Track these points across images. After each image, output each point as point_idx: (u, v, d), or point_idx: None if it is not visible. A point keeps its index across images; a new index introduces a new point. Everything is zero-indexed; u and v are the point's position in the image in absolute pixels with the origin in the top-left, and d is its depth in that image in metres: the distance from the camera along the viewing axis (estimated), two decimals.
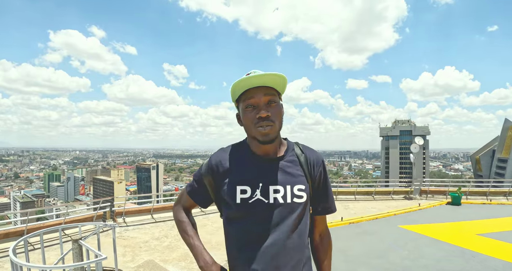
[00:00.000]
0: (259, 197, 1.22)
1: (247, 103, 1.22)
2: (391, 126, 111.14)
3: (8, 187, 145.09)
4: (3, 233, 7.69)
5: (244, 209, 1.22)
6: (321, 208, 1.38)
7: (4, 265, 6.54)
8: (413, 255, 6.17)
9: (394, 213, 10.44)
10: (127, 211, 10.26)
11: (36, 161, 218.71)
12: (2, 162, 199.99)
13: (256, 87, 1.20)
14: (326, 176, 1.37)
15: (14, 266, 4.07)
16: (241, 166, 1.29)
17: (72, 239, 4.71)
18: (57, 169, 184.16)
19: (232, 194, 1.24)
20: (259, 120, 1.19)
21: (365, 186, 16.85)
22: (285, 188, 1.24)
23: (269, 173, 1.26)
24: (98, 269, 4.24)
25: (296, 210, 1.23)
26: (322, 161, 1.36)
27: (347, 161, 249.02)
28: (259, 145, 1.27)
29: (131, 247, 7.55)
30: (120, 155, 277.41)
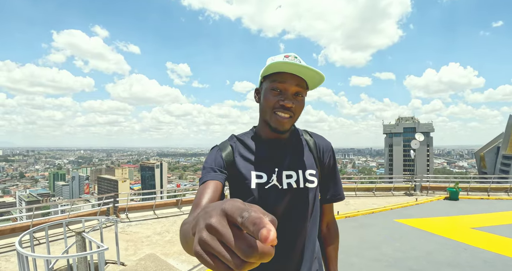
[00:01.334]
0: (275, 182, 1.20)
1: (275, 85, 1.15)
2: (394, 123, 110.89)
3: (14, 187, 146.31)
4: (10, 228, 7.93)
5: (259, 194, 1.19)
6: (330, 195, 1.35)
7: (10, 259, 6.76)
8: (405, 247, 6.33)
9: (391, 208, 10.57)
10: (130, 207, 10.47)
11: (41, 160, 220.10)
12: (8, 162, 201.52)
13: (291, 73, 1.14)
14: (335, 162, 1.35)
15: (20, 257, 4.29)
16: (254, 151, 1.26)
17: (75, 232, 4.92)
18: (62, 169, 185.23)
19: (246, 179, 1.20)
20: (281, 107, 1.14)
21: (368, 182, 16.89)
22: (297, 173, 1.22)
23: (281, 158, 1.24)
24: (101, 259, 4.44)
25: (309, 195, 1.22)
26: (331, 147, 1.35)
27: (351, 159, 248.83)
28: (269, 131, 1.23)
29: (134, 241, 7.75)
30: (124, 154, 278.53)
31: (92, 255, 4.95)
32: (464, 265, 5.33)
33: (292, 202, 1.19)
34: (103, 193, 9.32)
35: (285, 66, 1.11)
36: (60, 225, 7.72)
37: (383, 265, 5.40)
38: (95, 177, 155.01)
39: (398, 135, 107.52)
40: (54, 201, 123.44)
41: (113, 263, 5.99)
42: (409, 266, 5.30)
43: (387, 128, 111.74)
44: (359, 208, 10.90)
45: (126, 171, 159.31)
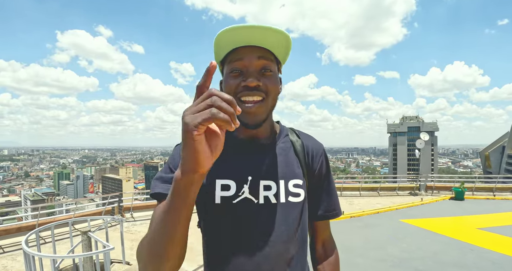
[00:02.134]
0: (247, 195, 0.90)
1: (232, 66, 0.87)
2: (399, 123, 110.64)
3: (19, 186, 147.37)
4: (16, 227, 7.99)
5: (226, 211, 0.89)
6: (323, 211, 1.04)
7: (16, 258, 6.80)
8: (411, 247, 6.30)
9: (396, 208, 10.54)
10: (134, 206, 10.52)
11: (46, 160, 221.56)
12: (13, 161, 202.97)
13: (248, 46, 0.86)
14: (328, 169, 1.06)
15: (26, 256, 4.31)
16: (223, 154, 0.86)
17: (81, 232, 4.93)
18: (66, 168, 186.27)
19: (209, 191, 0.90)
20: (244, 89, 0.85)
21: (371, 182, 16.84)
22: (278, 184, 0.93)
23: (259, 163, 0.95)
24: (106, 259, 4.45)
25: (292, 213, 0.93)
26: (323, 151, 1.06)
27: (355, 158, 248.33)
28: (243, 128, 0.92)
29: (138, 241, 7.68)
30: (128, 154, 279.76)
31: (97, 255, 4.97)
32: (471, 266, 5.29)
33: (271, 221, 0.90)
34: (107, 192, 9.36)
35: (233, 36, 0.83)
36: (66, 225, 7.75)
37: (388, 265, 5.38)
38: (99, 176, 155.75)
39: (402, 134, 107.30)
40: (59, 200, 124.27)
41: (118, 263, 6.01)
42: (414, 266, 5.27)
43: (391, 127, 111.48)
44: (363, 207, 10.86)
45: (130, 170, 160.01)
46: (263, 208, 0.90)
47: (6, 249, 7.27)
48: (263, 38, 0.84)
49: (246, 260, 0.88)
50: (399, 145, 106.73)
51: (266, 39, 0.84)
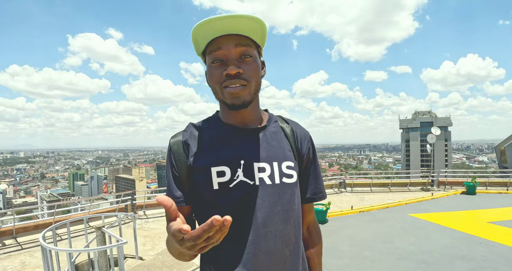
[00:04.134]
0: (242, 178, 0.94)
1: (213, 57, 0.92)
2: (411, 118, 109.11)
3: (35, 187, 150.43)
4: (33, 225, 8.26)
5: (224, 196, 0.94)
6: (311, 194, 1.10)
7: (34, 254, 7.04)
8: (420, 241, 6.32)
9: (406, 202, 10.52)
10: (147, 204, 10.73)
11: (60, 161, 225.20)
12: (29, 163, 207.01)
13: (225, 35, 0.90)
14: (315, 154, 1.12)
15: (43, 251, 4.49)
16: (215, 142, 1.00)
17: (96, 227, 5.10)
18: (81, 169, 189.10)
19: (206, 179, 0.95)
20: (227, 78, 0.91)
21: (383, 178, 16.76)
22: (271, 165, 0.97)
23: (250, 147, 0.99)
24: (120, 253, 4.60)
25: (287, 193, 0.97)
26: (310, 136, 1.12)
27: (367, 155, 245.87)
28: (231, 112, 0.99)
29: (151, 237, 7.95)
30: (141, 154, 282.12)
31: (111, 250, 5.13)
32: (479, 259, 5.30)
33: (267, 202, 0.94)
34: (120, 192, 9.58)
35: (208, 28, 0.88)
36: (81, 222, 7.98)
37: (395, 258, 5.42)
38: (113, 177, 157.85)
39: (415, 130, 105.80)
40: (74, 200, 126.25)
41: (131, 258, 6.17)
42: (422, 259, 5.30)
43: (403, 123, 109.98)
44: (374, 203, 10.84)
45: (143, 170, 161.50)
46: (258, 189, 0.94)
47: (24, 246, 7.53)
48: (237, 26, 0.88)
49: (245, 240, 0.92)
50: (411, 141, 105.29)
51: (240, 27, 0.88)
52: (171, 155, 1.02)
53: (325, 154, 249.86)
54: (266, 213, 0.94)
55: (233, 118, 1.01)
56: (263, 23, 0.90)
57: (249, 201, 0.94)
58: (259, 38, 0.96)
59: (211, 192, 0.94)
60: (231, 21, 0.86)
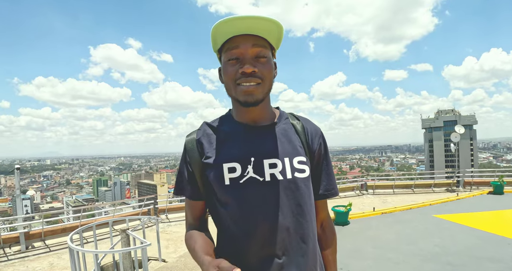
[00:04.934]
0: (252, 174, 0.97)
1: (230, 55, 0.97)
2: (434, 117, 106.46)
3: (61, 193, 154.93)
4: (61, 228, 8.53)
5: (234, 192, 0.97)
6: (323, 190, 1.11)
7: (62, 256, 7.26)
8: (445, 242, 6.17)
9: (430, 203, 10.26)
10: (169, 208, 10.89)
11: (85, 168, 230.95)
12: (55, 170, 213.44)
13: (243, 35, 0.94)
14: (326, 150, 1.13)
15: (71, 252, 4.64)
16: (227, 139, 1.04)
17: (120, 230, 5.24)
18: (104, 175, 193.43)
19: (218, 175, 0.99)
20: (242, 75, 0.94)
21: (405, 179, 16.31)
22: (283, 161, 0.99)
23: (261, 144, 1.01)
24: (144, 255, 4.70)
25: (300, 188, 0.99)
26: (321, 133, 1.13)
27: (389, 156, 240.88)
28: (243, 110, 1.03)
29: (174, 240, 8.06)
30: (162, 160, 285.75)
31: (136, 252, 5.25)
32: (508, 260, 5.12)
33: (279, 197, 0.96)
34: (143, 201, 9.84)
35: (228, 27, 0.92)
36: (105, 225, 8.20)
37: (419, 259, 5.31)
38: (135, 182, 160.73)
39: (438, 129, 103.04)
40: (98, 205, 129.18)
41: (155, 260, 6.28)
42: (447, 261, 5.17)
43: (426, 123, 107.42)
44: (396, 205, 10.64)
45: (164, 175, 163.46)
46: (269, 185, 0.96)
47: (52, 248, 7.78)
48: (255, 26, 0.92)
49: (258, 236, 0.95)
50: (435, 141, 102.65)
51: (258, 28, 0.93)
52: (186, 152, 1.08)
53: (345, 156, 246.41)
54: (278, 207, 0.96)
55: (245, 115, 1.05)
56: (281, 26, 0.94)
57: (260, 196, 0.96)
58: (275, 40, 1.00)
59: (223, 187, 0.98)
60: (250, 21, 0.90)
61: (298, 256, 0.97)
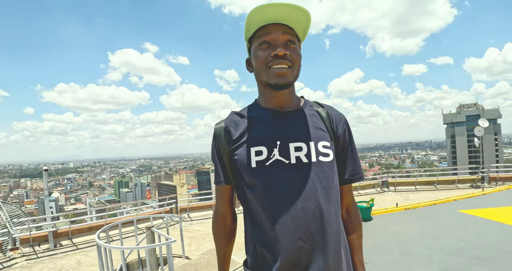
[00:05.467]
0: (278, 157, 1.01)
1: (262, 40, 1.02)
2: (455, 112, 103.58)
3: (84, 195, 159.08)
4: (87, 227, 8.79)
5: (261, 174, 1.01)
6: (348, 175, 1.13)
7: (88, 254, 7.48)
8: (470, 237, 6.01)
9: (454, 199, 10.02)
10: (191, 207, 11.04)
11: (106, 170, 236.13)
12: (78, 173, 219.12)
13: (274, 24, 1.00)
14: (351, 136, 1.15)
15: (99, 249, 4.78)
16: (254, 125, 1.09)
17: (146, 227, 5.35)
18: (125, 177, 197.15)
19: (245, 158, 1.04)
20: (274, 58, 0.99)
21: (428, 175, 16.01)
22: (308, 144, 1.02)
23: (287, 128, 1.06)
24: (169, 250, 4.79)
25: (325, 171, 1.02)
26: (345, 119, 1.15)
27: (409, 153, 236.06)
28: (272, 94, 1.07)
29: (196, 238, 8.17)
30: (181, 161, 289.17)
31: (161, 249, 5.35)
32: None
33: (304, 179, 0.99)
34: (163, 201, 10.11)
35: (263, 15, 0.98)
36: (129, 224, 8.39)
37: (445, 254, 5.19)
38: (155, 184, 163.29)
39: (460, 124, 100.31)
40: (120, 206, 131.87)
41: (178, 257, 6.38)
42: (474, 255, 5.04)
43: (447, 118, 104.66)
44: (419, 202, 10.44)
45: (184, 176, 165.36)
46: (295, 167, 1.00)
47: (79, 246, 8.03)
48: (286, 16, 0.98)
49: (282, 217, 0.98)
50: (457, 136, 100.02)
51: (289, 17, 0.99)
52: (215, 140, 1.15)
53: (364, 154, 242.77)
54: (303, 189, 0.99)
55: (272, 101, 1.10)
56: (309, 16, 1.00)
57: (285, 178, 1.00)
58: (302, 31, 1.05)
59: (249, 170, 1.03)
60: (282, 9, 0.96)
61: (322, 238, 0.98)
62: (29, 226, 8.09)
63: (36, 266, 6.88)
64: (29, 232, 8.02)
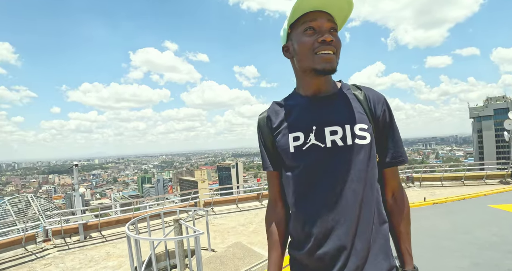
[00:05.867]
0: (314, 141, 1.04)
1: (308, 26, 1.02)
2: (483, 105, 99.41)
3: (109, 190, 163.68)
4: (115, 220, 9.03)
5: (299, 158, 1.06)
6: (390, 158, 1.10)
7: (117, 245, 7.70)
8: (503, 231, 5.82)
9: (484, 194, 9.73)
10: (215, 201, 11.17)
11: (130, 166, 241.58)
12: (103, 169, 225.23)
13: (318, 11, 1.02)
14: (392, 117, 1.11)
15: (129, 239, 4.91)
16: (292, 112, 1.13)
17: (174, 220, 5.46)
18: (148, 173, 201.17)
19: (285, 144, 1.09)
20: (321, 44, 1.00)
21: (453, 170, 15.54)
22: (343, 128, 1.03)
23: (323, 113, 1.07)
24: (197, 242, 4.87)
25: (360, 154, 1.01)
26: (385, 99, 1.11)
27: (433, 149, 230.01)
28: (312, 80, 1.09)
29: (220, 232, 8.27)
30: (202, 157, 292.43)
31: (188, 241, 5.45)
32: None
33: (339, 162, 1.01)
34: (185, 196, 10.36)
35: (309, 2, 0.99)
36: (156, 218, 8.57)
37: (476, 248, 5.06)
38: (177, 179, 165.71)
39: (488, 118, 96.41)
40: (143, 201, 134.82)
41: (204, 250, 6.47)
42: (508, 249, 4.86)
43: (474, 111, 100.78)
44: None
45: (205, 172, 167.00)
46: (330, 151, 1.02)
47: (108, 238, 8.27)
48: (330, 4, 1.00)
49: (319, 200, 1.02)
50: (484, 131, 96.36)
51: (332, 5, 1.00)
52: (259, 129, 1.22)
53: None
54: (338, 172, 1.01)
55: (311, 87, 1.11)
56: (352, 6, 1.02)
57: (322, 161, 1.03)
58: (342, 20, 1.07)
59: (289, 155, 1.08)
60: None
61: (354, 222, 1.00)
62: (61, 218, 8.39)
63: (68, 257, 7.14)
64: (60, 224, 8.32)
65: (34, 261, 6.95)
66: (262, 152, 1.20)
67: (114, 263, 6.59)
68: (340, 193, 1.00)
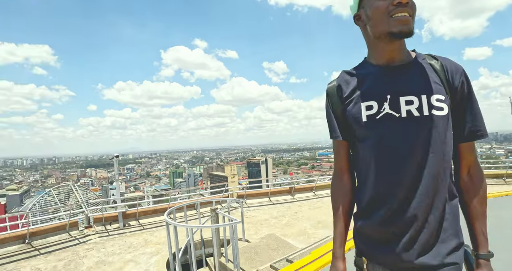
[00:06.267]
0: (388, 110, 1.01)
1: None
2: None
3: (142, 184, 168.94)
4: (152, 209, 9.37)
5: (372, 127, 1.02)
6: (468, 131, 1.04)
7: (154, 233, 7.97)
8: None
9: None
10: (248, 194, 11.30)
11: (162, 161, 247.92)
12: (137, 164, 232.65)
13: None
14: (470, 88, 1.04)
15: (168, 226, 5.08)
16: (364, 81, 1.09)
17: (211, 209, 5.60)
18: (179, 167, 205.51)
19: (357, 113, 1.06)
20: (396, 6, 0.95)
21: (492, 167, 14.79)
22: (419, 98, 0.98)
23: (398, 82, 1.03)
24: (234, 231, 4.98)
25: (437, 125, 0.97)
26: (463, 70, 1.05)
27: None
28: (386, 47, 1.04)
29: (253, 223, 8.37)
30: (232, 152, 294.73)
31: (224, 230, 5.58)
32: None
33: (415, 132, 0.97)
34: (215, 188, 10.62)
35: None
36: (191, 208, 8.80)
37: None
38: (207, 174, 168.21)
39: None
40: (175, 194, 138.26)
41: (239, 240, 6.59)
42: None
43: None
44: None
45: (235, 167, 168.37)
46: (406, 121, 0.98)
47: (146, 227, 8.58)
48: None
49: (392, 170, 0.99)
50: None
51: None
52: (328, 98, 1.18)
53: None
54: (413, 143, 0.97)
55: (384, 55, 1.06)
56: None
57: (396, 132, 0.99)
58: None
59: (361, 124, 1.05)
60: None
61: (423, 193, 0.97)
62: (102, 206, 8.79)
63: (108, 243, 7.48)
64: (102, 212, 8.72)
65: (77, 246, 7.34)
66: (331, 121, 1.16)
67: (152, 249, 6.84)
68: (416, 165, 0.97)
